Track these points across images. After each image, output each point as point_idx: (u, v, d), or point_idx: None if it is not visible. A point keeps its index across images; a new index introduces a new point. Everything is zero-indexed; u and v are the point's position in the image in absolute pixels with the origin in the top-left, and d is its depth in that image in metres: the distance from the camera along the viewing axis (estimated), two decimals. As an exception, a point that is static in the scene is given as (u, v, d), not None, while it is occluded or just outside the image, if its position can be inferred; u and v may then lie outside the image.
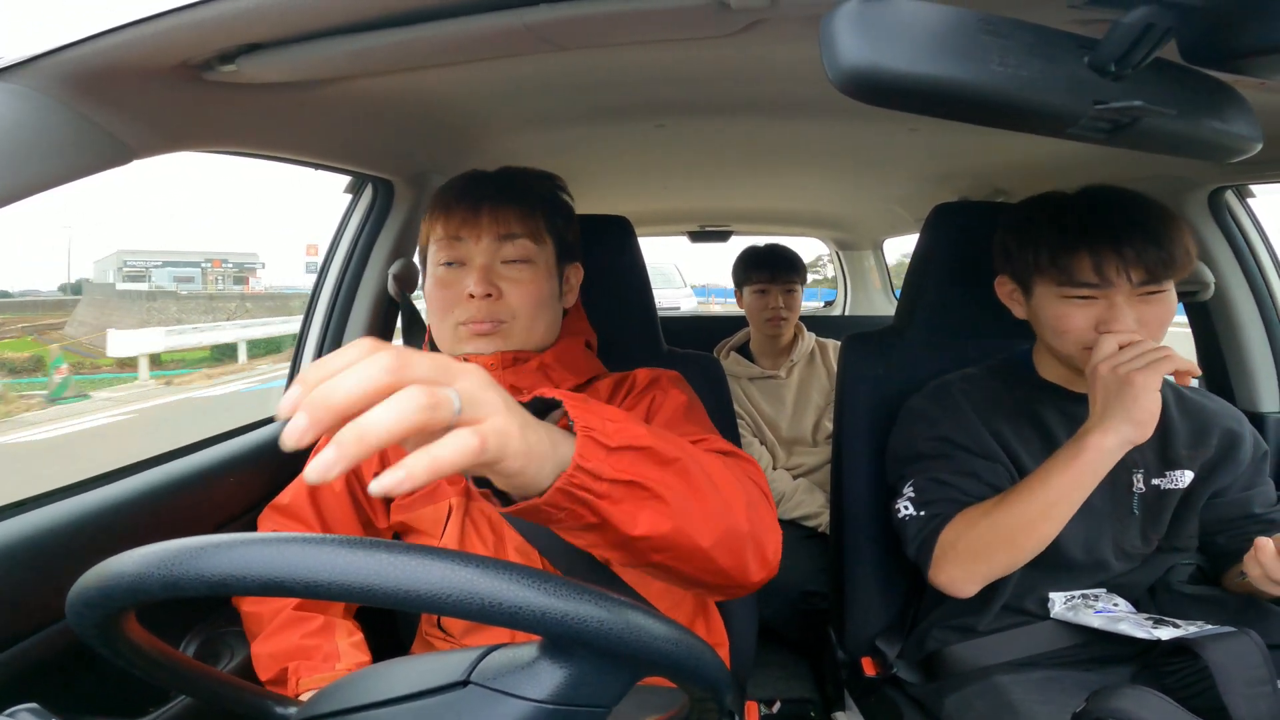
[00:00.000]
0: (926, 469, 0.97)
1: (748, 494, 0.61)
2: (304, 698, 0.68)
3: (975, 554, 0.88)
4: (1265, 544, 0.77)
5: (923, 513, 0.94)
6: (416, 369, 0.37)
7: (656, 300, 1.16)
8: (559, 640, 0.41)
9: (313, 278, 1.40)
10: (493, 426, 0.39)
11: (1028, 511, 0.84)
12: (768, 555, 0.61)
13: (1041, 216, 0.92)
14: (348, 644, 0.81)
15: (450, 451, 0.37)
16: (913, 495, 0.96)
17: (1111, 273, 0.85)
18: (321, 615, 0.83)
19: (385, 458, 0.89)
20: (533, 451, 0.43)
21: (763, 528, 0.61)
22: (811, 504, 1.79)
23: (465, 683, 0.43)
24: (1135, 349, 0.81)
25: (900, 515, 0.96)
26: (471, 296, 0.82)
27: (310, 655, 0.79)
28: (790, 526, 1.79)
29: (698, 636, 0.42)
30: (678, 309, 7.82)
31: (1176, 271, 0.86)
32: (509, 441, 0.40)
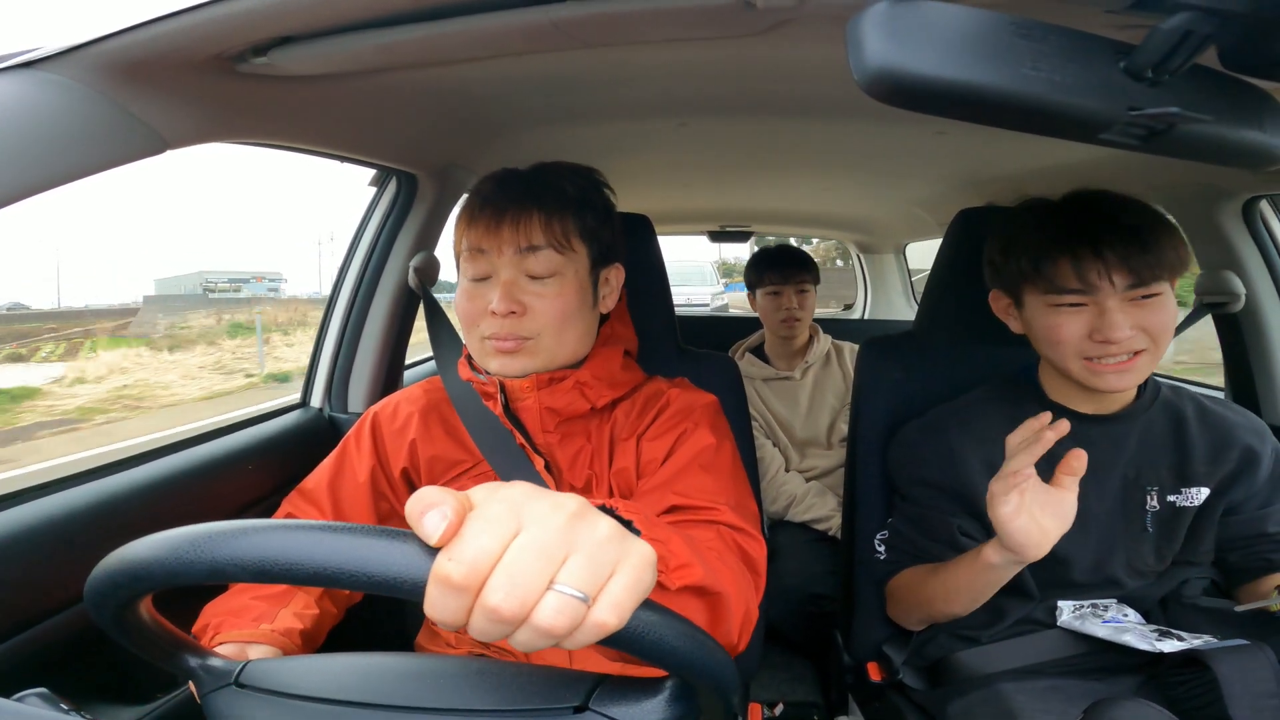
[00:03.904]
0: (904, 511, 1.03)
1: (745, 597, 0.66)
2: (222, 650, 0.66)
3: (906, 607, 1.00)
4: None
5: (885, 556, 1.05)
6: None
7: (687, 296, 1.17)
8: (696, 684, 0.44)
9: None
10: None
11: (939, 591, 0.92)
12: (742, 647, 0.67)
13: (1024, 224, 0.90)
14: (290, 612, 0.77)
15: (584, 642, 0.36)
16: (885, 537, 1.06)
17: (1094, 277, 0.83)
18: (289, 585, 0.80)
19: (415, 452, 0.90)
20: None
21: (748, 624, 0.66)
22: (823, 507, 1.78)
23: (583, 708, 0.45)
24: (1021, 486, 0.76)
25: (876, 549, 1.07)
26: (494, 313, 0.80)
27: (241, 615, 0.75)
28: (800, 529, 1.79)
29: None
30: (706, 305, 8.44)
31: (1167, 273, 0.84)
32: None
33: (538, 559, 0.34)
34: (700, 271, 11.57)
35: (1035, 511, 0.76)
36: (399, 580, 0.35)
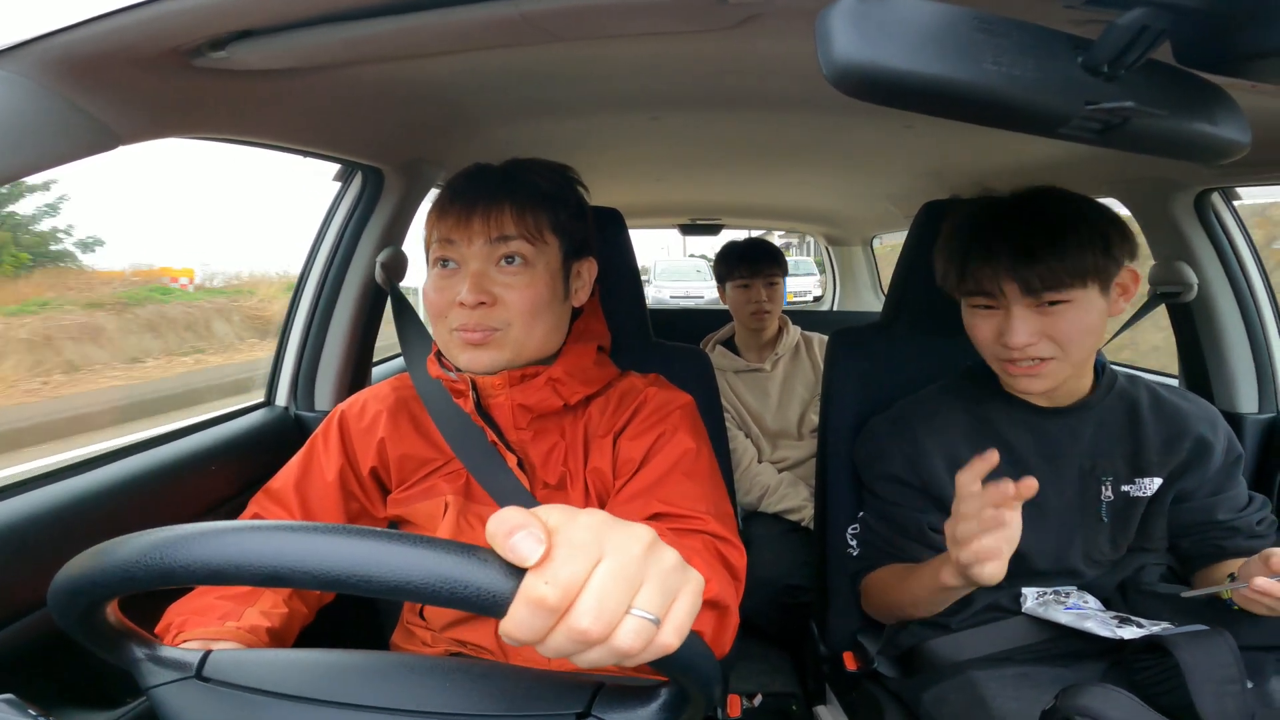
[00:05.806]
0: (873, 506, 1.05)
1: (735, 606, 0.70)
2: (185, 646, 0.64)
3: (877, 608, 1.04)
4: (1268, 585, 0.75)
5: (857, 553, 1.06)
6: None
7: (686, 290, 1.16)
8: (691, 688, 0.45)
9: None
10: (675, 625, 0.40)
11: (906, 600, 0.95)
12: (726, 650, 0.70)
13: (959, 227, 0.93)
14: (256, 610, 0.75)
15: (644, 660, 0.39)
16: (856, 531, 1.08)
17: (998, 283, 0.86)
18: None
19: (384, 451, 0.89)
20: None
21: (732, 629, 0.69)
22: (795, 498, 1.80)
23: (585, 714, 0.46)
24: (983, 521, 0.73)
25: (848, 543, 1.09)
26: (463, 304, 0.79)
27: (206, 613, 0.73)
28: (774, 520, 1.81)
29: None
30: (701, 298, 9.11)
31: (1078, 280, 0.84)
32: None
33: (620, 584, 0.37)
34: (695, 268, 12.57)
35: (991, 546, 0.73)
36: (484, 597, 0.35)
